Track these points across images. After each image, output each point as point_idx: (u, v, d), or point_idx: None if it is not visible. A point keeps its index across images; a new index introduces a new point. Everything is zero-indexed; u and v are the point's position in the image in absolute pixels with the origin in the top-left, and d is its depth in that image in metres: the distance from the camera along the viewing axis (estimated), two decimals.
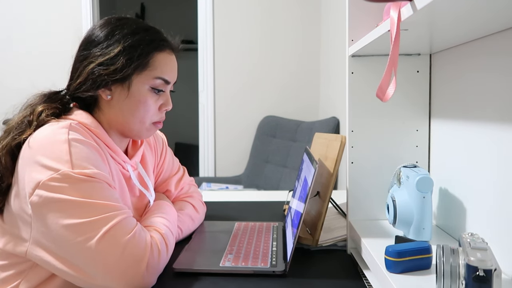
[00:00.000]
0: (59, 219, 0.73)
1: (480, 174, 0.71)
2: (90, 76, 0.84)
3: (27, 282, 0.81)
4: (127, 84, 0.86)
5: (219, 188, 2.61)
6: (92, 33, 0.88)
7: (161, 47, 0.89)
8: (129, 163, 0.94)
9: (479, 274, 0.48)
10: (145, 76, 0.86)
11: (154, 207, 0.96)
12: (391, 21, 0.60)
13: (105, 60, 0.84)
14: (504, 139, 0.64)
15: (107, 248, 0.72)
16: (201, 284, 0.78)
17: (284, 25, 2.97)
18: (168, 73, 0.90)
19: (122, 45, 0.84)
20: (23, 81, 2.86)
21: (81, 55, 0.87)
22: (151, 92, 0.88)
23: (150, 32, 0.89)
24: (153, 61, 0.87)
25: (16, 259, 0.81)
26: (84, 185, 0.74)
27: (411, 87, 0.91)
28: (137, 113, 0.88)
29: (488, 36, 0.68)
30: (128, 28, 0.87)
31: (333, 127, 2.42)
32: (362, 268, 0.84)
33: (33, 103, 0.87)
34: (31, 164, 0.76)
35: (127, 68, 0.84)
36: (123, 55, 0.84)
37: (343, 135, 0.97)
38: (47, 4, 2.96)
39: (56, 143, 0.76)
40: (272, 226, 1.10)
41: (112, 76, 0.83)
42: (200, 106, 3.04)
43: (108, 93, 0.86)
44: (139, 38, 0.86)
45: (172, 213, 0.96)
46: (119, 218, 0.74)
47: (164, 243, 0.80)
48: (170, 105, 0.93)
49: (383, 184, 0.92)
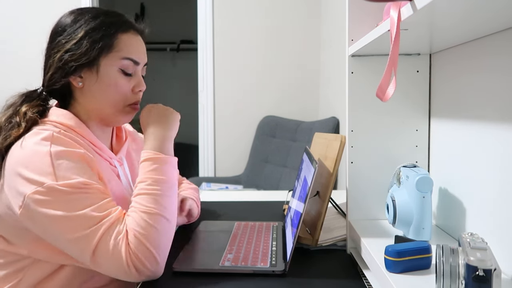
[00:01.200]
0: (51, 231, 0.75)
1: (480, 174, 0.71)
2: (58, 64, 0.85)
3: (27, 279, 0.81)
4: (96, 68, 0.86)
5: (219, 188, 2.61)
6: (57, 25, 0.89)
7: (124, 28, 0.89)
8: (115, 158, 0.95)
9: (479, 274, 0.48)
10: (112, 57, 0.87)
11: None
12: (391, 21, 0.60)
13: (71, 46, 0.85)
14: (504, 139, 0.64)
15: (101, 261, 0.74)
16: (200, 284, 0.78)
17: (284, 25, 2.97)
18: (135, 53, 0.90)
19: (84, 29, 0.85)
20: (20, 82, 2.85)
21: (49, 48, 0.89)
22: (120, 73, 0.88)
23: (111, 14, 0.90)
24: (117, 42, 0.87)
25: (14, 257, 0.82)
26: (69, 197, 0.74)
27: (411, 87, 0.91)
28: (109, 95, 0.88)
29: (488, 36, 0.68)
30: (90, 13, 0.88)
31: (332, 127, 2.42)
32: (361, 268, 0.84)
33: (13, 103, 0.88)
34: (15, 177, 0.76)
35: (92, 51, 0.84)
36: (86, 38, 0.85)
37: (342, 135, 0.97)
38: (46, 4, 2.96)
39: (39, 156, 0.76)
40: (272, 226, 1.10)
41: (78, 61, 0.84)
42: (200, 106, 3.04)
43: (79, 80, 0.87)
44: (101, 21, 0.87)
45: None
46: (103, 229, 0.74)
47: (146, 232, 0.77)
48: (143, 85, 0.93)
49: (383, 184, 0.92)
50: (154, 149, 0.86)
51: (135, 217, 0.77)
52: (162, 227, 0.78)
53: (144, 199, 0.79)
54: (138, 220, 0.76)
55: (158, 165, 0.83)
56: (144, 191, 0.80)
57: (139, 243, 0.74)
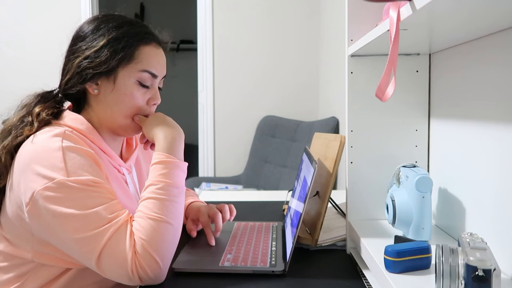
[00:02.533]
0: (57, 230, 0.74)
1: (480, 174, 0.71)
2: (77, 70, 0.84)
3: (28, 284, 0.81)
4: (113, 78, 0.85)
5: (218, 188, 2.61)
6: (79, 29, 0.89)
7: (146, 40, 0.88)
8: (124, 166, 0.94)
9: (479, 274, 0.48)
10: (130, 68, 0.86)
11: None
12: (391, 21, 0.60)
13: (91, 53, 0.84)
14: (503, 139, 0.64)
15: (106, 264, 0.73)
16: (200, 284, 0.78)
17: (283, 25, 2.97)
18: (154, 66, 0.89)
19: (107, 37, 0.85)
20: (21, 82, 2.85)
21: (69, 51, 0.88)
22: (137, 85, 0.87)
23: (135, 25, 0.89)
24: (138, 54, 0.86)
25: (18, 261, 0.81)
26: (78, 194, 0.74)
27: (411, 87, 0.91)
28: (123, 106, 0.87)
29: (488, 35, 0.68)
30: (114, 21, 0.87)
31: (332, 127, 2.42)
32: (361, 268, 0.84)
33: (28, 104, 0.87)
34: (25, 172, 0.75)
35: (112, 60, 0.84)
36: (107, 47, 0.84)
37: (342, 135, 0.97)
38: (46, 5, 2.96)
39: (50, 151, 0.76)
40: (272, 226, 1.10)
41: (97, 69, 0.83)
42: (200, 106, 3.04)
43: (95, 87, 0.86)
44: (124, 31, 0.86)
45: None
46: (111, 232, 0.73)
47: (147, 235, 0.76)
48: (158, 99, 0.92)
49: (383, 184, 0.92)
50: (166, 150, 0.83)
51: (143, 224, 0.76)
52: (169, 235, 0.77)
53: (153, 203, 0.78)
54: (146, 227, 0.75)
55: (168, 170, 0.81)
56: (153, 195, 0.78)
57: (146, 253, 0.74)
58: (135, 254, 0.73)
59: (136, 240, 0.74)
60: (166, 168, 0.81)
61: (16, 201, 0.78)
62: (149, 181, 0.81)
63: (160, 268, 0.75)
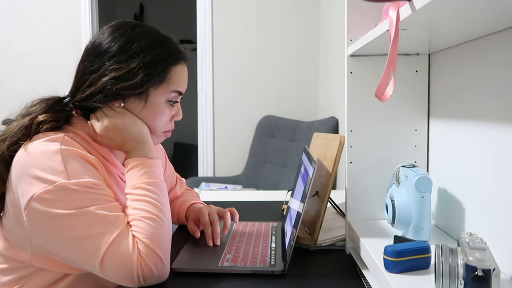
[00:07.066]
0: (59, 233, 0.74)
1: (479, 174, 0.71)
2: (101, 87, 0.82)
3: (29, 287, 0.81)
4: (144, 97, 0.85)
5: (218, 188, 2.60)
6: (102, 41, 0.85)
7: (176, 61, 0.88)
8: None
9: (478, 274, 0.48)
10: (162, 89, 0.86)
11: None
12: (390, 21, 0.60)
13: (122, 74, 0.82)
14: (503, 139, 0.64)
15: (110, 265, 0.73)
16: (200, 284, 0.78)
17: (283, 25, 2.97)
18: (182, 85, 0.91)
19: (140, 59, 0.83)
20: (22, 81, 2.85)
21: (91, 66, 0.84)
22: (167, 104, 0.89)
23: (166, 44, 0.88)
24: (170, 75, 0.87)
25: (18, 264, 0.81)
26: (80, 196, 0.74)
27: (410, 87, 0.91)
28: (152, 123, 0.88)
29: (487, 35, 0.68)
30: (145, 39, 0.85)
31: (332, 127, 2.42)
32: (361, 268, 0.84)
33: (33, 111, 0.84)
34: (24, 176, 0.75)
35: (146, 83, 0.83)
36: (142, 70, 0.83)
37: (342, 135, 0.97)
38: (46, 4, 2.96)
39: (49, 154, 0.75)
40: (271, 226, 1.10)
41: (129, 90, 0.83)
42: (199, 106, 3.04)
43: (121, 102, 0.85)
44: (158, 53, 0.85)
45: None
46: (115, 234, 0.73)
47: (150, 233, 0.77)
48: (181, 115, 0.94)
49: (382, 184, 0.92)
50: (137, 155, 0.85)
51: (141, 225, 0.76)
52: (166, 232, 0.79)
53: (144, 205, 0.78)
54: (145, 228, 0.76)
55: (147, 168, 0.83)
56: (141, 197, 0.79)
57: (150, 251, 0.74)
58: (140, 254, 0.73)
59: (138, 241, 0.75)
60: (143, 168, 0.83)
61: (15, 206, 0.77)
62: (131, 185, 0.82)
63: (164, 265, 0.76)
